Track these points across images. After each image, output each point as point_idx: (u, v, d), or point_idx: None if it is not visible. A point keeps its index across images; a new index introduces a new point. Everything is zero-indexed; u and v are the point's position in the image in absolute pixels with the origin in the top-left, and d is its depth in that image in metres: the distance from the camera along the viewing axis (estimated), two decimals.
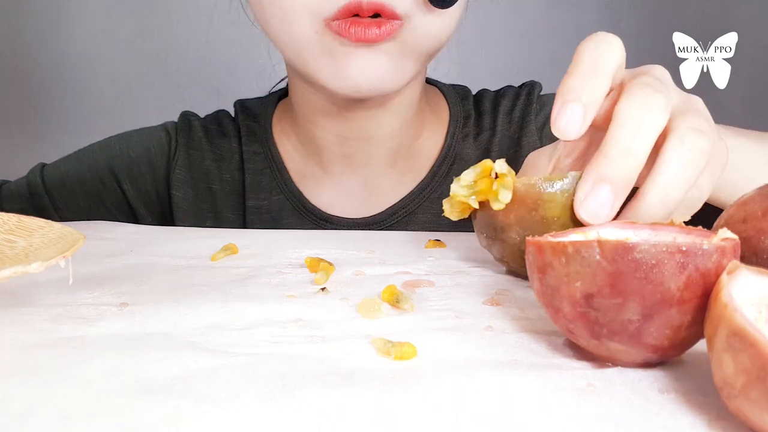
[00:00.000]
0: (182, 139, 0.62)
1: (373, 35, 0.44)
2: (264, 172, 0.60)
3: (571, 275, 0.23)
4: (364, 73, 0.46)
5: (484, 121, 0.62)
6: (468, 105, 0.62)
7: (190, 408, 0.21)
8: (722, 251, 0.22)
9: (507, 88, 0.64)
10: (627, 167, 0.28)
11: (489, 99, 0.63)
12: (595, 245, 0.22)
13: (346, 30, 0.44)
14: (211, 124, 0.63)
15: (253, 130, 0.62)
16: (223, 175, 0.61)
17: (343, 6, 0.43)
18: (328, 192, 0.59)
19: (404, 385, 0.23)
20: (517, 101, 0.62)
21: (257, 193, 0.60)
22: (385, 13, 0.44)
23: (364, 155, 0.58)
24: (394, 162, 0.59)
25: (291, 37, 0.47)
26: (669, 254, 0.21)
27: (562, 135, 0.30)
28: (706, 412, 0.21)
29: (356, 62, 0.46)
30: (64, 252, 0.27)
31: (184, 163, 0.61)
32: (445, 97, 0.63)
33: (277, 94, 0.64)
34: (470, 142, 0.61)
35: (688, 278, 0.21)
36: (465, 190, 0.34)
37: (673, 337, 0.22)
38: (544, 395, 0.22)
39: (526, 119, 0.60)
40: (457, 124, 0.61)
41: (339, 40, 0.45)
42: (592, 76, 0.30)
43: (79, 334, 0.28)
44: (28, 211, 0.60)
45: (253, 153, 0.61)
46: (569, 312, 0.24)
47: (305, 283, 0.35)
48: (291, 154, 0.61)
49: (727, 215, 0.29)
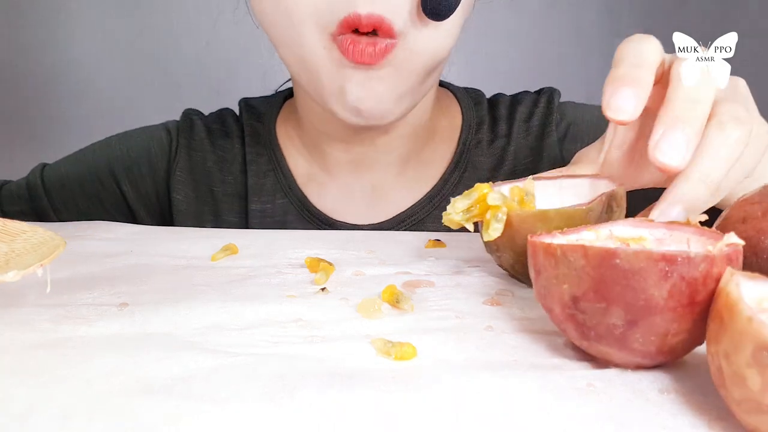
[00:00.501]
0: (183, 139, 0.60)
1: (368, 56, 0.44)
2: (268, 174, 0.58)
3: (560, 278, 0.23)
4: (362, 100, 0.46)
5: (499, 127, 0.59)
6: (482, 110, 0.60)
7: (190, 408, 0.21)
8: (711, 260, 0.21)
9: (524, 93, 0.62)
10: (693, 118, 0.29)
11: (505, 104, 0.61)
12: (581, 250, 0.22)
13: (345, 47, 0.44)
14: (214, 123, 0.61)
15: (257, 131, 0.60)
16: (225, 177, 0.59)
17: (343, 19, 0.43)
18: (333, 196, 0.58)
19: (404, 385, 0.23)
20: (535, 108, 0.60)
21: (260, 197, 0.58)
22: (383, 29, 0.43)
23: (371, 160, 0.56)
24: (403, 168, 0.57)
25: (298, 44, 0.46)
26: (652, 262, 0.21)
27: (616, 115, 0.30)
28: (706, 412, 0.21)
29: (354, 87, 0.45)
30: (43, 259, 0.27)
31: (185, 164, 0.59)
32: (458, 101, 0.61)
33: (283, 94, 0.63)
34: (483, 149, 0.59)
35: (673, 286, 0.21)
36: (460, 215, 0.34)
37: (660, 343, 0.22)
38: (544, 395, 0.22)
39: (547, 130, 0.58)
40: (470, 130, 0.58)
41: (341, 59, 0.45)
42: (638, 68, 0.31)
43: (79, 334, 0.28)
44: (27, 212, 0.59)
45: (257, 155, 0.59)
46: (559, 313, 0.24)
47: (305, 283, 0.35)
48: (295, 157, 0.59)
49: (726, 215, 0.29)
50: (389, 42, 0.44)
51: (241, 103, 0.63)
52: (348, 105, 0.46)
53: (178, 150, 0.60)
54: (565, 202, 0.37)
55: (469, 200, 0.34)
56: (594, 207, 0.32)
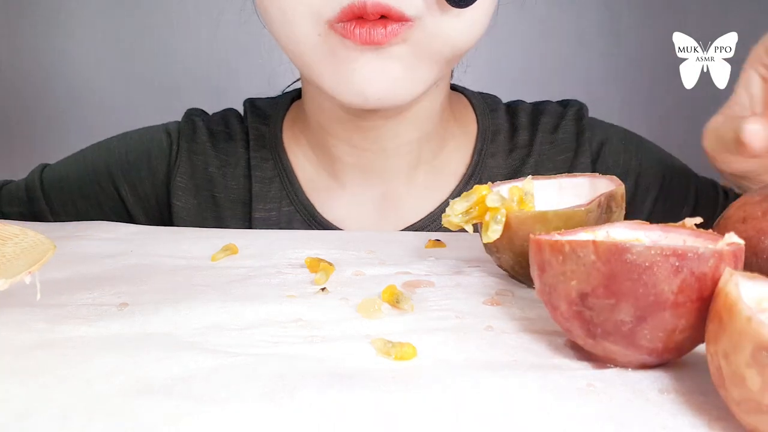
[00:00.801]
0: (185, 143, 0.57)
1: (380, 36, 0.41)
2: (273, 180, 0.55)
3: (567, 274, 0.23)
4: (371, 81, 0.43)
5: (519, 136, 0.56)
6: (498, 118, 0.57)
7: (190, 408, 0.21)
8: (720, 256, 0.22)
9: (546, 102, 0.59)
10: None
11: (526, 112, 0.58)
12: (591, 245, 0.22)
13: (350, 31, 0.41)
14: (217, 125, 0.58)
15: (262, 134, 0.57)
16: (228, 182, 0.56)
17: (346, 6, 0.40)
18: (341, 205, 0.55)
19: (404, 385, 0.23)
20: (561, 121, 0.57)
21: (265, 204, 0.55)
22: (391, 15, 0.40)
23: (381, 167, 0.53)
24: (414, 177, 0.54)
25: (292, 39, 0.44)
26: (663, 257, 0.21)
27: None
28: (706, 412, 0.21)
29: (362, 68, 0.42)
30: (32, 265, 0.26)
31: (186, 170, 0.56)
32: (473, 107, 0.57)
33: (290, 95, 0.59)
34: (500, 159, 0.55)
35: (683, 282, 0.21)
36: (459, 217, 0.34)
37: (667, 339, 0.22)
38: (544, 395, 0.22)
39: (581, 149, 0.55)
40: (485, 138, 0.55)
41: (343, 42, 0.42)
42: None
43: (79, 334, 0.28)
44: (26, 214, 0.59)
45: (262, 159, 0.56)
46: (566, 310, 0.24)
47: (305, 283, 0.35)
48: (302, 163, 0.56)
49: (726, 215, 0.29)
50: (405, 24, 0.41)
51: (246, 104, 0.60)
52: (355, 87, 0.43)
53: (179, 154, 0.57)
54: (566, 202, 0.37)
55: (468, 202, 0.34)
56: (593, 208, 0.32)
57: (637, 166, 0.57)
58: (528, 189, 0.36)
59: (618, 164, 0.56)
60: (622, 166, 0.56)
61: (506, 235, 0.32)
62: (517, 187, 0.35)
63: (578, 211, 0.31)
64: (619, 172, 0.55)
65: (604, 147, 0.56)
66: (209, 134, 0.58)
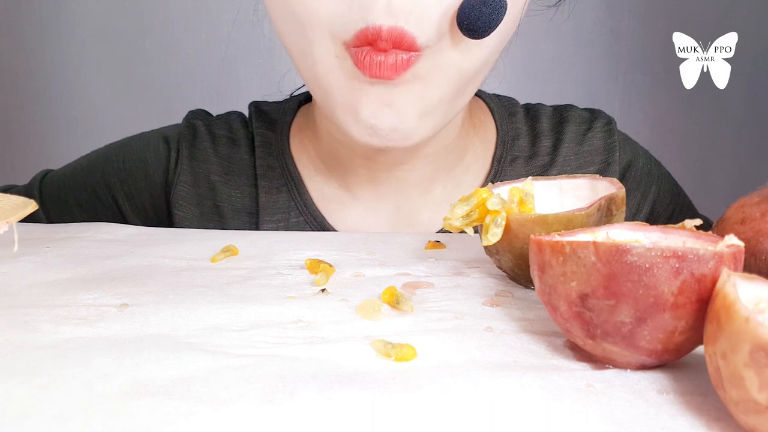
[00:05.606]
0: (185, 150, 0.54)
1: (388, 68, 0.38)
2: (281, 190, 0.52)
3: (568, 275, 0.23)
4: (379, 117, 0.40)
5: (540, 143, 0.53)
6: (517, 122, 0.55)
7: (190, 409, 0.21)
8: (720, 258, 0.22)
9: (569, 108, 0.56)
10: None
11: (547, 117, 0.55)
12: (591, 246, 0.22)
13: (360, 60, 0.38)
14: (220, 129, 0.55)
15: (268, 140, 0.54)
16: (232, 191, 0.53)
17: (360, 30, 0.38)
18: (353, 217, 0.52)
19: (404, 386, 0.23)
20: (588, 131, 0.54)
21: (272, 215, 0.52)
22: (404, 44, 0.38)
23: (396, 180, 0.50)
24: (431, 189, 0.52)
25: (308, 56, 0.41)
26: (663, 258, 0.21)
27: None
28: (705, 412, 0.21)
29: (370, 103, 0.40)
30: (9, 217, 0.26)
31: (188, 178, 0.53)
32: (492, 113, 0.55)
33: (298, 99, 0.56)
34: (519, 166, 0.53)
35: (683, 283, 0.21)
36: (459, 220, 0.34)
37: (666, 341, 0.22)
38: (543, 396, 0.22)
39: (610, 169, 0.53)
40: (505, 146, 0.53)
41: (354, 72, 0.39)
42: None
43: (79, 335, 0.28)
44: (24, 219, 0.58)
45: (268, 167, 0.53)
46: (565, 311, 0.24)
47: (305, 284, 0.35)
48: (311, 172, 0.53)
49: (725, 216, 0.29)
50: (413, 54, 0.38)
51: (251, 108, 0.57)
52: (363, 122, 0.41)
53: (179, 162, 0.53)
54: (566, 204, 0.37)
55: (469, 205, 0.34)
56: (593, 211, 0.32)
57: (656, 192, 0.56)
58: (528, 190, 0.36)
59: (639, 187, 0.55)
60: (643, 190, 0.55)
61: (506, 237, 0.32)
62: (517, 188, 0.35)
63: (579, 214, 0.31)
64: (640, 196, 0.55)
65: (631, 168, 0.55)
66: (211, 139, 0.55)
